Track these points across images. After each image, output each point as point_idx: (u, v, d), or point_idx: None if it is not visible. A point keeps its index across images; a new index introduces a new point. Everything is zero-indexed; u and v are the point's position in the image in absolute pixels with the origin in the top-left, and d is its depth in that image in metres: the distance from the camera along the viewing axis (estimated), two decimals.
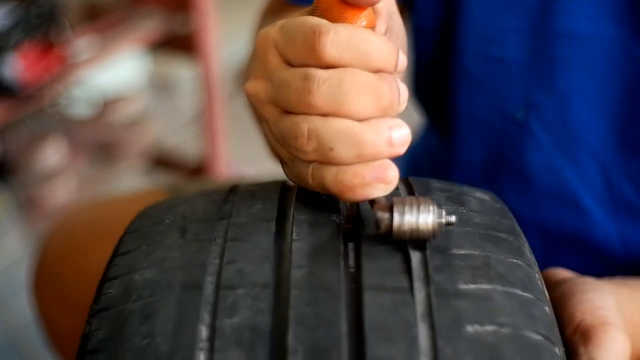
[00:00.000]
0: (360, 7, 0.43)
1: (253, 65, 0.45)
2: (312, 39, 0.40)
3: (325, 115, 0.39)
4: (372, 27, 0.44)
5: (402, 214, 0.39)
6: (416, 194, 0.45)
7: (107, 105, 1.80)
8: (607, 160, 0.63)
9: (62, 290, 0.77)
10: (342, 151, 0.39)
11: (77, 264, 0.76)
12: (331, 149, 0.39)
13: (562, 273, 0.54)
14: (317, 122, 0.39)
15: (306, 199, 0.44)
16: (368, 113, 0.39)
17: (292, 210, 0.43)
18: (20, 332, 1.49)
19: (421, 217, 0.39)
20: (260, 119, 0.45)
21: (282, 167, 0.46)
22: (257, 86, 0.43)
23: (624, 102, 0.61)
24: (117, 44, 1.62)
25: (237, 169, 1.98)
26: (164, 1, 1.69)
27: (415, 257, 0.39)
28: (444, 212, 0.40)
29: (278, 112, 0.42)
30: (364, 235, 0.41)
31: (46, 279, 0.79)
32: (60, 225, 0.82)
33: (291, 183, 0.46)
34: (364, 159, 0.39)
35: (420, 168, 0.80)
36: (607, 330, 0.46)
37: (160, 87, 2.06)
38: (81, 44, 1.56)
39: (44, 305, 0.80)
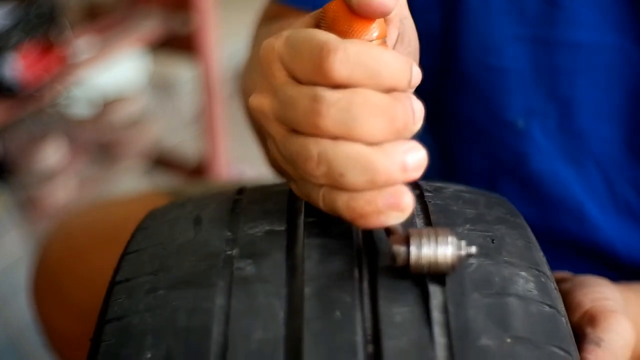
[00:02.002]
0: (371, 18, 0.41)
1: (257, 77, 0.43)
2: (319, 57, 0.37)
3: (335, 138, 0.37)
4: (383, 37, 0.42)
5: (420, 246, 0.37)
6: (429, 202, 0.44)
7: (107, 105, 1.80)
8: (611, 168, 0.63)
9: (61, 294, 0.77)
10: (354, 178, 0.37)
11: (76, 267, 0.76)
12: (342, 175, 0.37)
13: (561, 273, 0.56)
14: (326, 145, 0.37)
15: (316, 219, 0.42)
16: (381, 137, 0.37)
17: (302, 235, 0.41)
18: (20, 332, 1.49)
19: (439, 250, 0.37)
20: (266, 135, 0.43)
21: (290, 183, 0.44)
22: (262, 101, 0.41)
23: (626, 110, 0.61)
24: (117, 44, 1.62)
25: (237, 169, 1.98)
26: (164, 1, 1.69)
27: (434, 294, 0.38)
28: (463, 244, 0.38)
29: (285, 130, 0.40)
30: (380, 267, 0.39)
31: (45, 283, 0.79)
32: (59, 228, 0.82)
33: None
34: (377, 185, 0.37)
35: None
36: (615, 316, 0.47)
37: (160, 87, 2.06)
38: (81, 44, 1.56)
39: (44, 308, 0.80)
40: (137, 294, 0.39)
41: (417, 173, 0.38)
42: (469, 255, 0.38)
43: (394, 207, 0.37)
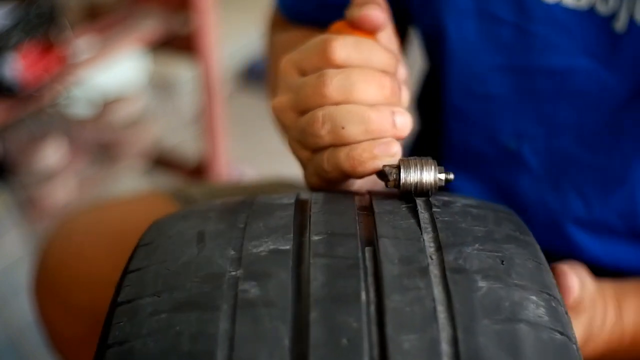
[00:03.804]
0: (368, 32, 0.51)
1: (277, 86, 0.52)
2: (323, 46, 0.47)
3: (337, 104, 0.46)
4: None
5: (408, 170, 0.45)
6: (437, 218, 0.45)
7: (107, 105, 1.80)
8: (589, 192, 0.64)
9: (62, 294, 0.77)
10: (353, 128, 0.45)
11: (77, 268, 0.76)
12: (343, 127, 0.45)
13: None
14: (330, 108, 0.46)
15: (322, 237, 0.42)
16: (374, 100, 0.46)
17: (307, 255, 0.41)
18: (20, 332, 1.49)
19: (424, 174, 0.45)
20: (284, 129, 0.51)
21: (304, 171, 0.51)
22: (280, 99, 0.50)
23: (603, 133, 0.62)
24: (117, 44, 1.62)
25: (237, 169, 1.98)
26: (164, 1, 1.69)
27: (443, 325, 0.38)
28: (443, 169, 0.46)
29: (297, 116, 0.48)
30: (386, 290, 0.40)
31: (46, 283, 0.79)
32: (60, 229, 0.82)
33: (304, 196, 0.47)
34: (372, 135, 0.45)
35: None
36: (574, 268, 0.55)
37: (160, 87, 2.06)
38: (81, 44, 1.56)
39: (45, 308, 0.80)
40: (140, 317, 0.38)
41: (404, 131, 0.47)
42: (448, 180, 0.46)
43: (386, 152, 0.46)
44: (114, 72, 1.86)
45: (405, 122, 0.46)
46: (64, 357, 0.82)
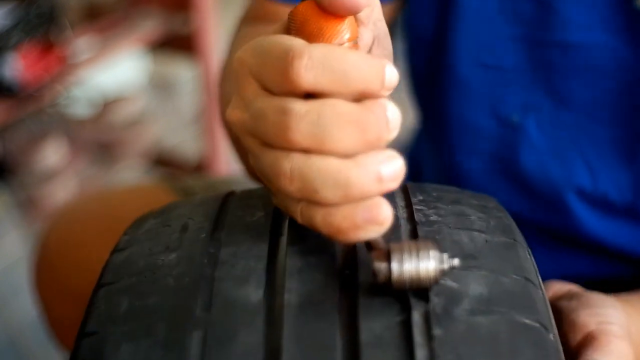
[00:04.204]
0: (340, 16, 0.39)
1: (231, 88, 0.43)
2: (284, 64, 0.36)
3: (307, 151, 0.36)
4: (354, 39, 0.40)
5: (401, 262, 0.36)
6: (415, 208, 0.43)
7: (107, 105, 1.80)
8: (597, 166, 0.64)
9: (62, 281, 0.77)
10: (328, 193, 0.35)
11: (77, 254, 0.76)
12: (316, 191, 0.36)
13: (569, 286, 0.56)
14: (298, 160, 0.36)
15: (298, 234, 0.42)
16: (353, 149, 0.36)
17: (286, 224, 0.41)
18: (20, 332, 1.49)
19: (422, 264, 0.37)
20: (245, 148, 0.42)
21: (271, 196, 0.43)
22: (236, 115, 0.40)
23: (616, 109, 0.62)
24: (117, 44, 1.62)
25: (237, 169, 1.98)
26: (164, 1, 1.69)
27: (416, 309, 0.37)
28: (445, 257, 0.37)
29: (259, 144, 0.39)
30: (361, 282, 0.39)
31: (47, 270, 0.80)
32: (60, 216, 0.83)
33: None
34: (352, 199, 0.36)
35: (419, 169, 0.80)
36: (616, 342, 0.48)
37: (160, 87, 2.06)
38: (81, 44, 1.56)
39: (45, 295, 0.80)
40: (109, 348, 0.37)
41: (393, 183, 0.36)
42: (452, 268, 0.37)
43: (372, 221, 0.36)
44: (114, 72, 1.86)
45: (394, 173, 0.36)
46: (63, 344, 0.82)
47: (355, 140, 0.35)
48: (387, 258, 0.37)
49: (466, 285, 0.38)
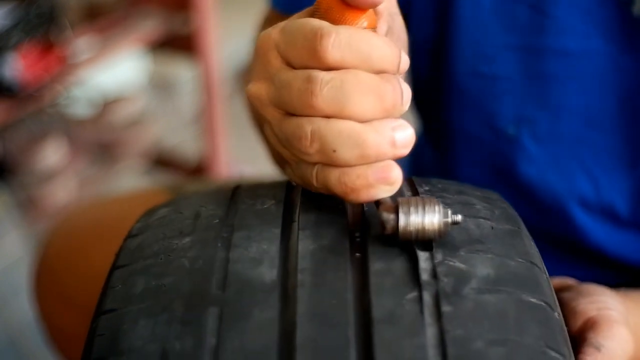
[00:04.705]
0: (361, 8, 0.43)
1: (254, 66, 0.45)
2: (313, 41, 0.40)
3: (328, 117, 0.39)
4: (373, 28, 0.44)
5: (408, 214, 0.39)
6: (420, 194, 0.45)
7: (107, 105, 1.80)
8: (600, 175, 0.64)
9: (63, 290, 0.77)
10: (345, 153, 0.39)
11: (78, 263, 0.76)
12: (334, 150, 0.39)
13: (569, 280, 0.57)
14: (320, 123, 0.39)
15: (311, 199, 0.44)
16: (371, 114, 0.39)
17: (297, 212, 0.43)
18: (20, 332, 1.49)
19: (427, 217, 0.39)
20: (263, 121, 0.45)
21: (285, 168, 0.46)
22: (259, 88, 0.43)
23: (615, 117, 0.62)
24: (117, 44, 1.62)
25: (237, 169, 1.98)
26: (164, 1, 1.69)
27: (422, 258, 0.39)
28: (449, 212, 0.40)
29: (280, 114, 0.42)
30: (371, 237, 0.41)
31: (47, 279, 0.79)
32: (60, 224, 0.83)
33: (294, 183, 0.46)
34: (367, 160, 0.39)
35: (424, 169, 0.80)
36: (617, 326, 0.49)
37: (160, 87, 2.06)
38: (81, 44, 1.56)
39: (45, 304, 0.80)
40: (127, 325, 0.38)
41: (405, 149, 0.39)
42: (455, 223, 0.40)
43: (383, 180, 0.39)
44: (114, 72, 1.86)
45: (406, 139, 0.39)
46: (62, 352, 0.82)
47: (373, 106, 0.39)
48: (395, 211, 0.39)
49: (474, 266, 0.39)
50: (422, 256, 0.39)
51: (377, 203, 0.41)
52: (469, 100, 0.66)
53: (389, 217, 0.39)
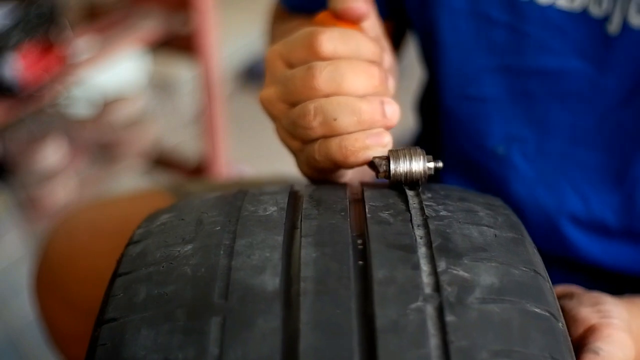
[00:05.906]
0: (351, 22, 0.51)
1: (265, 79, 0.52)
2: (310, 39, 0.48)
3: (327, 96, 0.46)
4: None
5: (398, 160, 0.47)
6: (424, 204, 0.46)
7: (107, 105, 1.80)
8: (588, 190, 0.64)
9: (63, 291, 0.77)
10: (345, 119, 0.46)
11: (79, 264, 0.76)
12: (335, 119, 0.46)
13: (570, 287, 0.56)
14: (321, 101, 0.46)
15: (313, 206, 0.44)
16: (363, 91, 0.47)
17: (300, 219, 0.43)
18: (20, 332, 1.49)
19: (414, 163, 0.47)
20: (274, 120, 0.52)
21: (295, 159, 0.52)
22: (268, 91, 0.50)
23: (599, 133, 0.62)
24: (117, 44, 1.62)
25: (237, 169, 1.98)
26: (164, 1, 1.69)
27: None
28: (431, 158, 0.47)
29: (287, 107, 0.49)
30: (374, 244, 0.42)
31: (47, 280, 0.79)
32: (61, 225, 0.83)
33: (297, 188, 0.47)
34: (363, 125, 0.46)
35: None
36: (614, 331, 0.49)
37: (160, 87, 2.06)
38: (81, 44, 1.56)
39: (45, 305, 0.80)
40: (129, 333, 0.38)
41: (393, 120, 0.47)
42: (437, 169, 0.47)
43: (377, 143, 0.47)
44: (114, 72, 1.86)
45: (394, 112, 0.47)
46: (63, 353, 0.82)
47: (365, 83, 0.47)
48: (387, 159, 0.47)
49: (478, 275, 0.39)
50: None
51: (372, 164, 0.47)
52: (459, 123, 0.67)
53: (381, 162, 0.47)
